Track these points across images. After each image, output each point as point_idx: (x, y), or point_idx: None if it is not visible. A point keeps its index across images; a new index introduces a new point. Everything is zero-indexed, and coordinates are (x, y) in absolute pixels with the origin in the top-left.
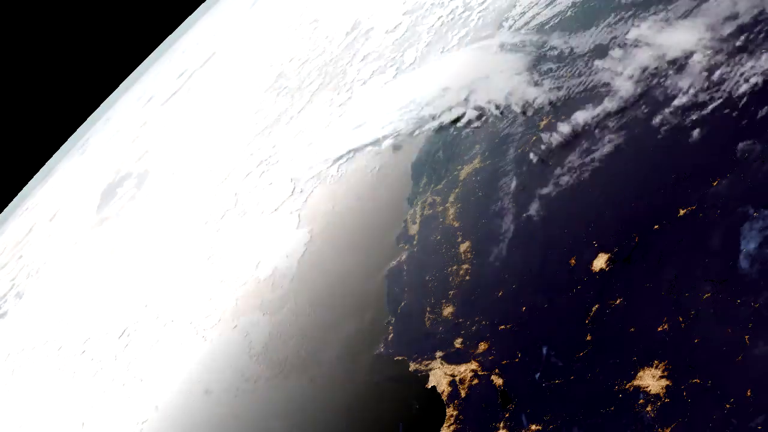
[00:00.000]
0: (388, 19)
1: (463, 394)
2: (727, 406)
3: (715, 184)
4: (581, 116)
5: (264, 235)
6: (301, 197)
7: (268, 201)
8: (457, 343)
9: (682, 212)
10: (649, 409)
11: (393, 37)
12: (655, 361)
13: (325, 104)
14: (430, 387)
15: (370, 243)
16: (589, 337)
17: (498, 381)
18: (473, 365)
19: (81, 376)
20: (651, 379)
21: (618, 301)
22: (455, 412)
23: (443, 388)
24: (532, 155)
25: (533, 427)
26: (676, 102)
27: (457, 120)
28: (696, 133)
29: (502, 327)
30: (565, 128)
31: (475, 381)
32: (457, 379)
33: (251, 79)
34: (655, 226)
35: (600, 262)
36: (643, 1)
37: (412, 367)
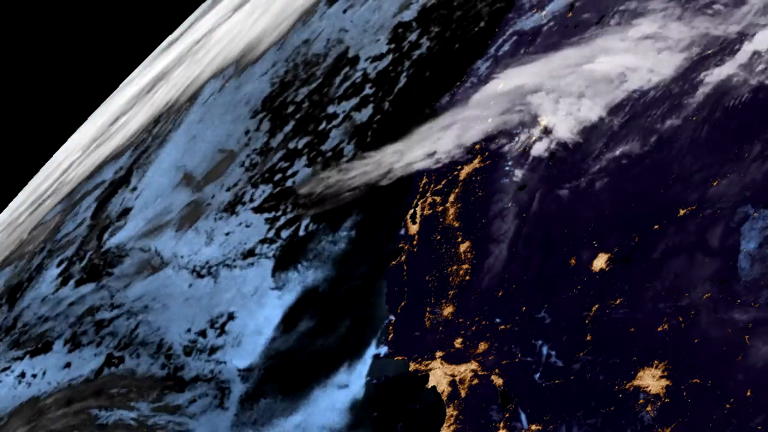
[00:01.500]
0: None
1: (463, 394)
2: (727, 406)
3: (715, 184)
4: (583, 115)
5: None
6: None
7: None
8: (457, 343)
9: (682, 212)
10: (649, 409)
11: None
12: (655, 361)
13: None
14: (430, 387)
15: None
16: (589, 337)
17: (498, 381)
18: (473, 365)
19: None
20: (651, 379)
21: (618, 301)
22: (455, 412)
23: (443, 388)
24: (532, 155)
25: (533, 427)
26: (677, 101)
27: None
28: (696, 132)
29: (502, 327)
30: (566, 127)
31: (475, 381)
32: (457, 379)
33: None
34: (655, 226)
35: (600, 262)
36: None
37: (412, 367)
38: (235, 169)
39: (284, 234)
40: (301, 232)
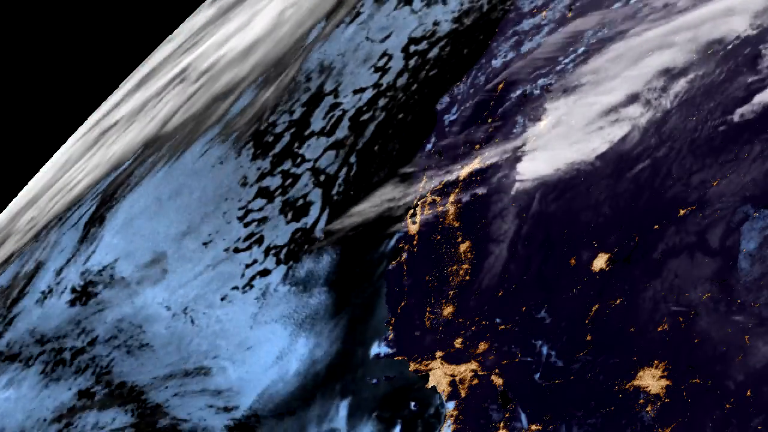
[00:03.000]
0: None
1: (463, 394)
2: (727, 406)
3: (715, 184)
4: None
5: None
6: None
7: None
8: (457, 343)
9: (682, 212)
10: (649, 409)
11: None
12: (655, 361)
13: None
14: (430, 387)
15: None
16: (589, 337)
17: (498, 381)
18: (473, 365)
19: None
20: (651, 379)
21: (618, 301)
22: (455, 412)
23: (443, 388)
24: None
25: (533, 427)
26: (677, 99)
27: None
28: (696, 132)
29: (502, 327)
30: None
31: (475, 381)
32: (457, 379)
33: None
34: (655, 226)
35: (600, 262)
36: None
37: (412, 367)
38: (221, 205)
39: (257, 284)
40: (273, 289)
